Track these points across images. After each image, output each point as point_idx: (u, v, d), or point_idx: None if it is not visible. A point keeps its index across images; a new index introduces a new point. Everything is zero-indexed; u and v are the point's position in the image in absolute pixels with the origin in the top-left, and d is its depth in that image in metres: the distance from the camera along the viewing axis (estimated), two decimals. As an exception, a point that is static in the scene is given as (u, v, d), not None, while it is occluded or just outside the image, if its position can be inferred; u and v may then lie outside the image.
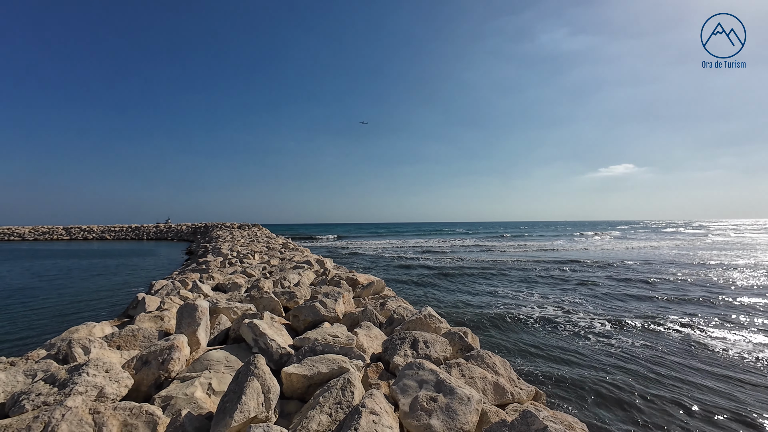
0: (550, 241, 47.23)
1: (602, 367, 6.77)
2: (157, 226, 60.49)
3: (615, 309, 11.29)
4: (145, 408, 2.61)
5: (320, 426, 2.48)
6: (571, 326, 9.26)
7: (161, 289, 7.14)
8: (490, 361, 3.45)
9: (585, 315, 10.45)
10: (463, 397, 2.56)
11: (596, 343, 8.14)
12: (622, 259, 24.03)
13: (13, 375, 3.04)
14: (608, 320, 9.79)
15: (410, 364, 3.00)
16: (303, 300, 5.95)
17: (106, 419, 2.50)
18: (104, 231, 57.20)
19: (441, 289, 14.75)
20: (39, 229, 56.71)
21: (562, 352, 7.49)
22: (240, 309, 5.05)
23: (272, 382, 2.70)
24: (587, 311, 10.94)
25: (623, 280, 16.23)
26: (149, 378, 3.26)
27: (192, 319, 4.02)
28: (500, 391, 3.09)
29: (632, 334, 8.75)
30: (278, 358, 3.62)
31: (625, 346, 7.89)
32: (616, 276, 17.37)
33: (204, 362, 3.54)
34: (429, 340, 3.77)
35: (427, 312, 4.58)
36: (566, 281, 16.20)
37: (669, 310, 11.12)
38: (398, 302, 5.98)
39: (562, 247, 36.29)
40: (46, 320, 9.67)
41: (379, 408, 2.39)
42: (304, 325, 4.84)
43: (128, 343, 3.98)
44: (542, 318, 10.04)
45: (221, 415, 2.46)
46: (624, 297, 12.92)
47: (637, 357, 7.29)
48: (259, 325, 3.85)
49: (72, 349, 3.45)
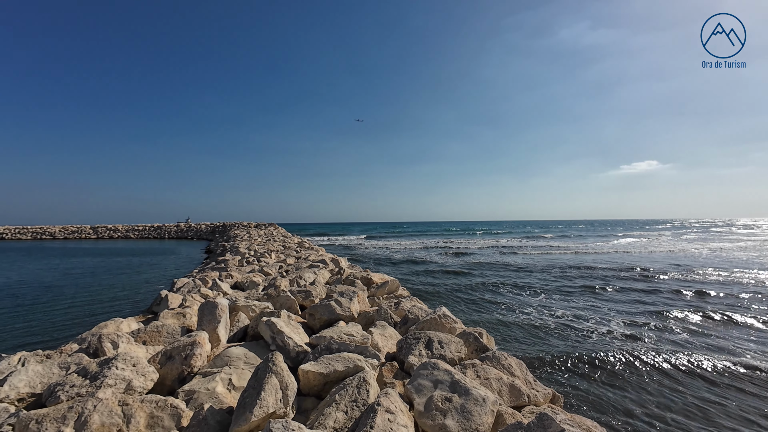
0: (598, 241, 41.98)
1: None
2: (177, 225, 62.38)
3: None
4: (170, 401, 2.72)
5: (336, 423, 2.53)
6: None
7: (183, 287, 7.38)
8: (506, 363, 3.43)
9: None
10: (479, 398, 2.56)
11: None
12: (728, 267, 19.12)
13: (49, 367, 3.23)
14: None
15: (425, 364, 3.02)
16: (318, 299, 6.04)
17: (134, 411, 2.63)
18: (128, 230, 59.48)
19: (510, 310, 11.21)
20: (68, 228, 59.58)
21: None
22: (258, 307, 5.18)
23: (290, 379, 2.77)
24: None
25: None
26: (173, 372, 3.40)
27: (212, 316, 4.15)
28: (516, 393, 3.07)
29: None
30: (295, 356, 3.69)
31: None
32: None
33: (224, 358, 3.66)
34: (444, 340, 3.78)
35: (442, 312, 4.58)
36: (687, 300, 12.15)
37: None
38: (413, 302, 5.99)
39: (621, 248, 32.03)
40: (77, 315, 10.16)
41: (395, 407, 2.42)
42: (320, 324, 4.92)
43: (153, 339, 4.15)
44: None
45: (241, 410, 2.54)
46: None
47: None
48: (277, 323, 3.94)
49: (102, 343, 3.63)
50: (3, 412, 2.70)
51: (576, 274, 18.04)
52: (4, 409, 2.72)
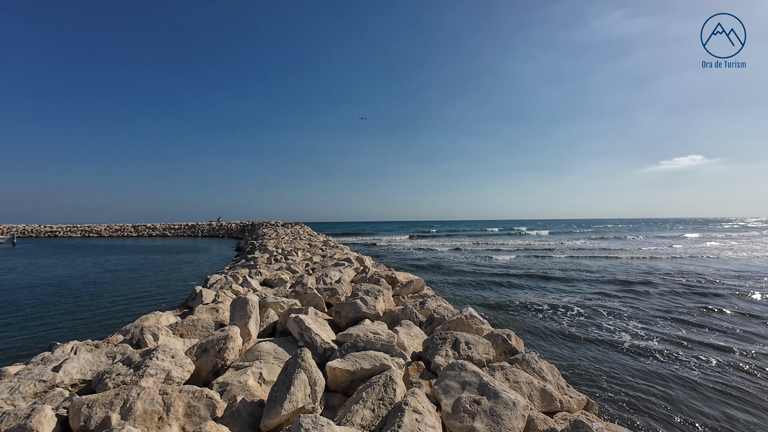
0: (655, 243, 35.70)
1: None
2: (210, 224, 65.30)
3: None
4: (205, 392, 2.85)
5: (364, 420, 2.55)
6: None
7: (215, 283, 7.71)
8: (537, 366, 3.32)
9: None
10: (509, 401, 2.50)
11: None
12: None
13: (98, 356, 3.47)
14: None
15: (452, 365, 2.98)
16: (344, 297, 6.11)
17: (173, 400, 2.77)
18: (165, 228, 63.01)
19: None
20: (113, 226, 64.34)
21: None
22: (286, 304, 5.31)
23: (318, 375, 2.82)
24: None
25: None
26: (208, 365, 3.55)
27: (244, 312, 4.31)
28: (548, 398, 2.97)
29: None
30: (322, 353, 3.76)
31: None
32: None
33: (255, 353, 3.78)
34: (471, 341, 3.71)
35: (469, 312, 4.50)
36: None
37: None
38: (438, 301, 5.93)
39: (696, 251, 26.75)
40: (120, 308, 10.86)
41: (422, 407, 2.41)
42: (346, 322, 4.98)
43: (189, 332, 4.36)
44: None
45: (272, 404, 2.62)
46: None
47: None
48: (305, 320, 4.02)
49: (144, 335, 3.85)
50: (58, 396, 2.93)
51: (677, 288, 13.32)
52: (59, 393, 2.96)
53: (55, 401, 2.84)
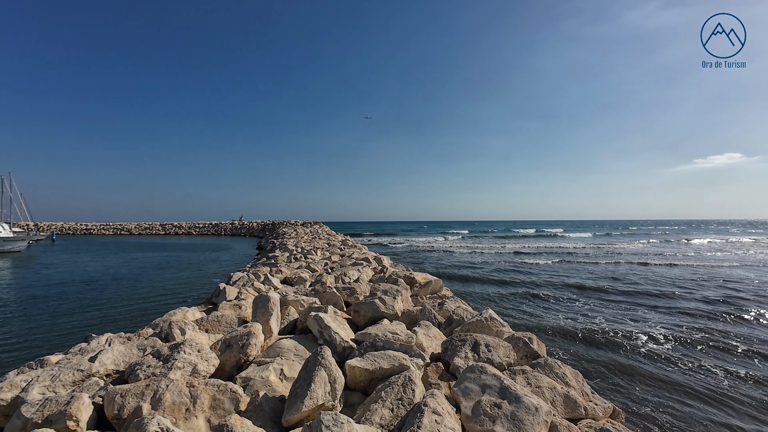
0: (706, 248, 32.29)
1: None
2: (232, 223, 67.40)
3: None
4: (229, 386, 2.94)
5: (383, 419, 2.56)
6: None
7: (238, 281, 7.93)
8: (560, 371, 3.23)
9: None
10: (530, 406, 2.44)
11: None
12: None
13: (130, 348, 3.64)
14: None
15: (472, 367, 2.94)
16: (363, 296, 6.15)
17: (199, 392, 2.87)
18: (191, 227, 65.56)
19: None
20: (142, 225, 67.81)
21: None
22: (306, 302, 5.40)
23: (338, 373, 2.85)
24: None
25: None
26: (231, 360, 3.66)
27: (265, 309, 4.41)
28: (571, 405, 2.88)
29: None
30: (341, 351, 3.80)
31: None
32: None
33: (276, 349, 3.87)
34: (491, 343, 3.65)
35: (489, 314, 4.43)
36: None
37: None
38: (457, 303, 5.87)
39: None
40: (149, 303, 11.38)
41: (442, 408, 2.39)
42: (364, 321, 5.01)
43: (214, 328, 4.51)
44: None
45: (293, 400, 2.67)
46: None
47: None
48: (324, 318, 4.08)
49: (172, 329, 4.02)
50: (94, 385, 3.10)
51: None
52: (95, 383, 3.13)
53: (91, 390, 3.01)
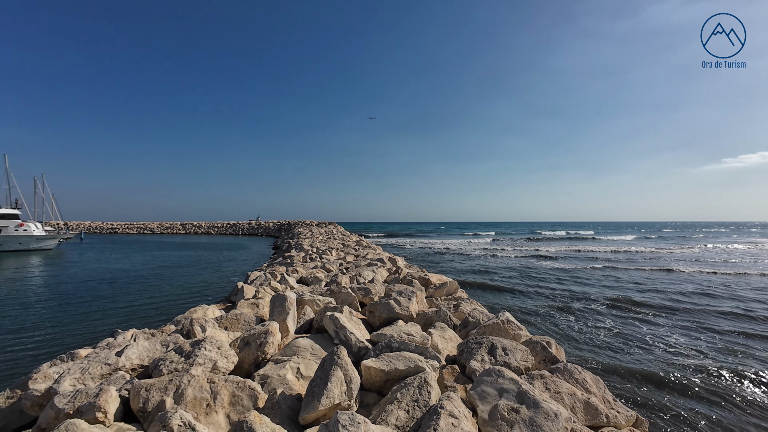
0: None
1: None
2: (249, 223, 68.86)
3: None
4: (248, 383, 3.00)
5: (398, 421, 2.56)
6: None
7: (255, 280, 8.09)
8: (580, 377, 3.15)
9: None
10: (549, 412, 2.39)
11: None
12: None
13: (153, 344, 3.77)
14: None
15: (489, 371, 2.91)
16: (378, 297, 6.17)
17: (219, 389, 2.95)
18: (210, 227, 67.36)
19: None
20: (164, 224, 70.34)
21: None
22: (322, 302, 5.46)
23: (354, 373, 2.87)
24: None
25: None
26: (250, 357, 3.74)
27: (282, 308, 4.48)
28: (592, 411, 2.81)
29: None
30: (357, 351, 3.82)
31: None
32: None
33: (293, 348, 3.93)
34: (508, 347, 3.60)
35: (505, 317, 4.37)
36: None
37: None
38: (473, 305, 5.81)
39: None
40: (171, 300, 11.73)
41: (458, 411, 2.37)
42: (379, 321, 5.02)
43: (233, 325, 4.61)
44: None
45: (310, 398, 2.70)
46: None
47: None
48: (340, 318, 4.11)
49: (193, 327, 4.14)
50: (121, 379, 3.23)
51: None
52: (121, 376, 3.26)
53: (118, 383, 3.13)
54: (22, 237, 30.62)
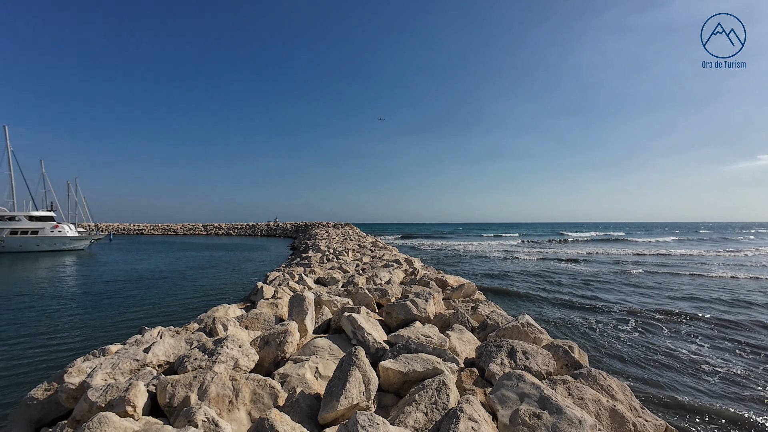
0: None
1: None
2: (268, 224, 70.39)
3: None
4: (269, 382, 3.06)
5: (417, 423, 2.55)
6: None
7: (274, 280, 8.24)
8: (605, 383, 3.05)
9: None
10: (573, 419, 2.33)
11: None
12: None
13: (179, 341, 3.90)
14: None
15: (509, 375, 2.85)
16: (394, 298, 6.16)
17: (240, 386, 3.02)
18: (230, 228, 69.34)
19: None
20: (186, 225, 73.13)
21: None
22: (339, 302, 5.50)
23: (372, 374, 2.88)
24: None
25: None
26: (269, 356, 3.81)
27: (301, 308, 4.55)
28: (618, 419, 2.71)
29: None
30: (374, 352, 3.82)
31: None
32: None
33: (311, 348, 3.98)
34: (529, 350, 3.52)
35: (525, 320, 4.27)
36: None
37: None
38: (491, 307, 5.72)
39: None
40: (194, 299, 12.10)
41: (478, 415, 2.34)
42: (396, 323, 5.01)
43: (253, 325, 4.71)
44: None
45: (329, 398, 2.73)
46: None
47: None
48: (357, 319, 4.13)
49: (215, 325, 4.25)
50: (148, 374, 3.35)
51: None
52: (149, 372, 3.38)
53: (146, 378, 3.26)
54: (57, 238, 32.38)
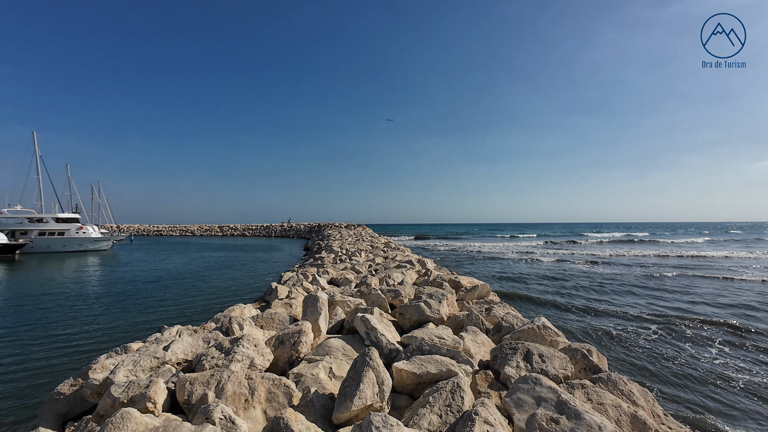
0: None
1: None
2: (281, 225, 71.36)
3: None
4: (283, 381, 3.10)
5: (431, 425, 2.53)
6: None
7: (288, 280, 8.33)
8: (626, 389, 2.96)
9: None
10: (593, 424, 2.26)
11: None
12: None
13: (196, 340, 3.99)
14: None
15: (525, 378, 2.80)
16: (407, 299, 6.14)
17: (256, 385, 3.06)
18: (245, 229, 70.60)
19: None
20: (203, 227, 75.01)
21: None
22: (352, 303, 5.52)
23: (385, 375, 2.88)
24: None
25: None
26: (284, 356, 3.85)
27: (314, 308, 4.59)
28: (640, 426, 2.62)
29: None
30: (387, 353, 3.82)
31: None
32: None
33: (325, 348, 4.00)
34: (545, 353, 3.45)
35: (542, 323, 4.19)
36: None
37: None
38: (506, 309, 5.63)
39: None
40: (211, 299, 12.37)
41: (493, 419, 2.31)
42: (410, 324, 5.00)
43: (268, 324, 4.78)
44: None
45: (342, 398, 2.74)
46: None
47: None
48: (371, 320, 4.14)
49: (231, 324, 4.33)
50: (168, 372, 3.44)
51: None
52: (168, 370, 3.47)
53: (165, 376, 3.34)
54: (81, 239, 33.67)
